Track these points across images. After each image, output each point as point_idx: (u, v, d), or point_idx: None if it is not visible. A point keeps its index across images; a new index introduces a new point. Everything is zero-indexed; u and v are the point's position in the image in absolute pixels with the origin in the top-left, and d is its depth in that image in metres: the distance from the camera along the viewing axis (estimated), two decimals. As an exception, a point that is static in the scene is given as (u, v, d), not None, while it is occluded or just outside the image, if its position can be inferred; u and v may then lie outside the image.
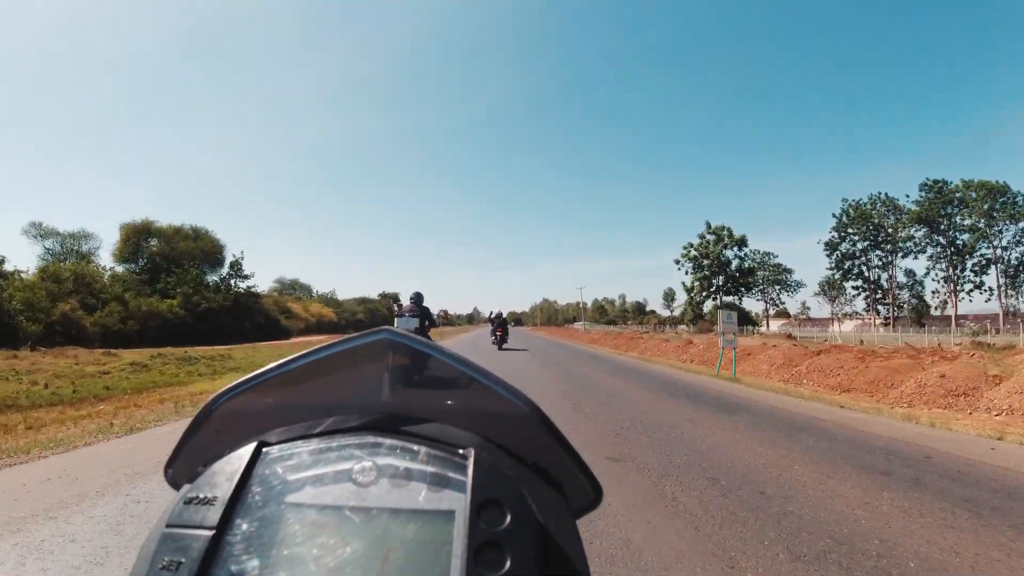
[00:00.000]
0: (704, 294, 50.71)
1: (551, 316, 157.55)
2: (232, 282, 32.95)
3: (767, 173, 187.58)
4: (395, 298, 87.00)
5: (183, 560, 0.29)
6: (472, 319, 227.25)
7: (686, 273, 52.57)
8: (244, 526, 0.30)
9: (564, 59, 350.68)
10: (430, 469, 0.33)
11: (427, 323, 9.17)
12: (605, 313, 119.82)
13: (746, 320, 51.49)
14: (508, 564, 0.28)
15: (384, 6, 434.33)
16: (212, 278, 32.77)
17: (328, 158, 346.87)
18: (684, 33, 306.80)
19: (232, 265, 34.12)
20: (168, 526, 0.31)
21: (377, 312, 61.25)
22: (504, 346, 21.29)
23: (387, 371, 0.40)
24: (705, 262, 50.41)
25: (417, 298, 9.24)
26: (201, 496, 0.32)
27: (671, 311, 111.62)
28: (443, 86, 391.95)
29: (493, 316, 22.65)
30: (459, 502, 0.31)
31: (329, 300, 52.86)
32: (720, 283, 49.21)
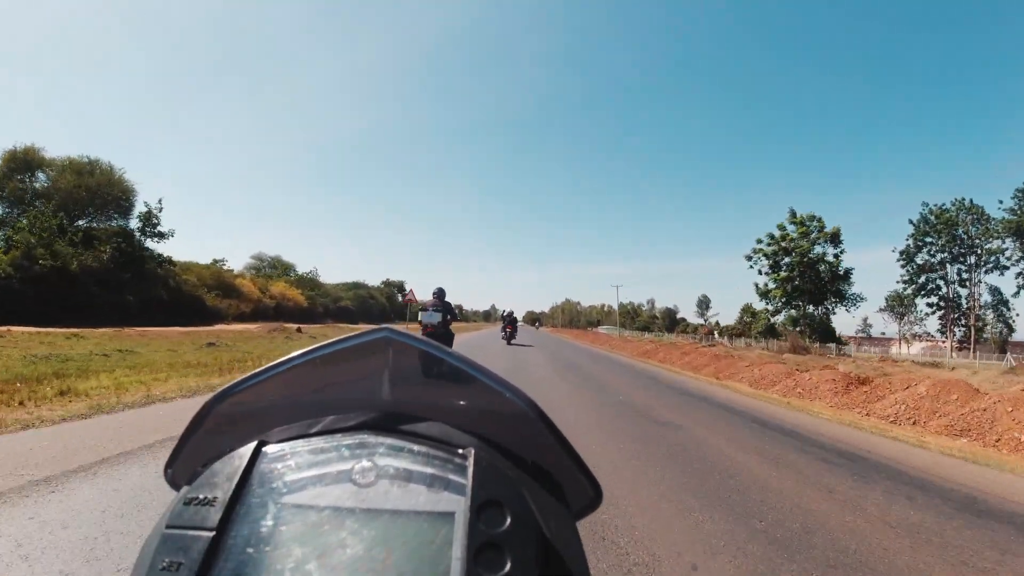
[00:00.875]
0: (784, 300, 39.51)
1: (573, 318, 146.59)
2: (139, 239, 23.45)
3: (805, 183, 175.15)
4: (399, 286, 77.68)
5: (183, 561, 0.28)
6: (489, 316, 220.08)
7: (760, 272, 41.03)
8: (244, 527, 0.30)
9: (592, 60, 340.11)
10: (430, 470, 0.33)
11: (449, 317, 9.20)
12: (635, 317, 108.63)
13: (829, 336, 40.32)
14: (508, 565, 0.27)
15: (409, 6, 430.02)
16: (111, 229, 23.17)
17: (355, 152, 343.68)
18: (712, 40, 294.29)
19: (144, 217, 24.34)
20: (168, 527, 0.30)
21: (371, 301, 51.66)
22: (512, 341, 22.65)
23: (387, 370, 0.40)
24: (786, 259, 38.98)
25: (440, 293, 9.24)
26: (201, 497, 0.31)
27: (705, 320, 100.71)
28: (467, 84, 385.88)
29: (505, 315, 24.87)
30: (459, 503, 0.30)
31: (303, 281, 43.11)
32: (803, 286, 37.79)
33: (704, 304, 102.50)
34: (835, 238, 38.05)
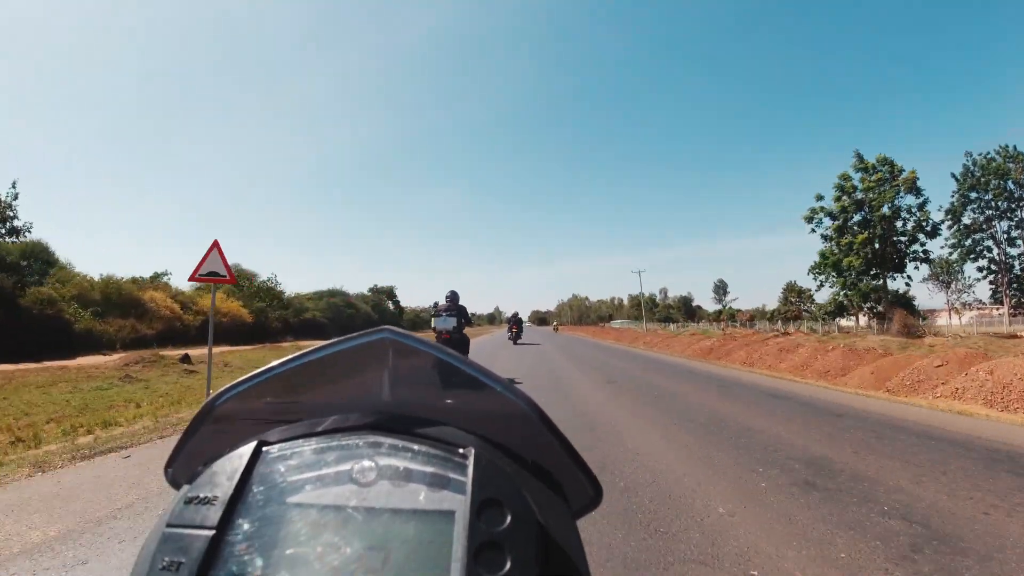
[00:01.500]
0: (864, 267, 30.46)
1: (582, 314, 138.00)
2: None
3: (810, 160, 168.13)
4: (389, 292, 70.04)
5: (183, 560, 0.28)
6: (493, 319, 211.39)
7: (822, 237, 32.53)
8: (244, 526, 0.30)
9: (583, 54, 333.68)
10: (430, 469, 0.33)
11: (463, 321, 8.47)
12: (654, 307, 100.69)
13: (911, 308, 32.55)
14: (508, 564, 0.28)
15: (397, 5, 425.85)
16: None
17: (348, 161, 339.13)
18: (704, 30, 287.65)
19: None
20: (168, 526, 0.30)
21: (349, 310, 44.23)
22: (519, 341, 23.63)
23: (387, 370, 0.40)
24: (855, 217, 30.50)
25: (453, 297, 8.53)
26: (201, 496, 0.32)
27: (724, 305, 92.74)
28: (455, 87, 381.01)
29: (510, 317, 26.13)
30: (459, 502, 0.31)
31: (260, 291, 34.84)
32: (887, 252, 29.53)
33: (721, 289, 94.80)
34: (913, 186, 30.15)
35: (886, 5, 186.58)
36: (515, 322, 24.51)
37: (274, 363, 0.39)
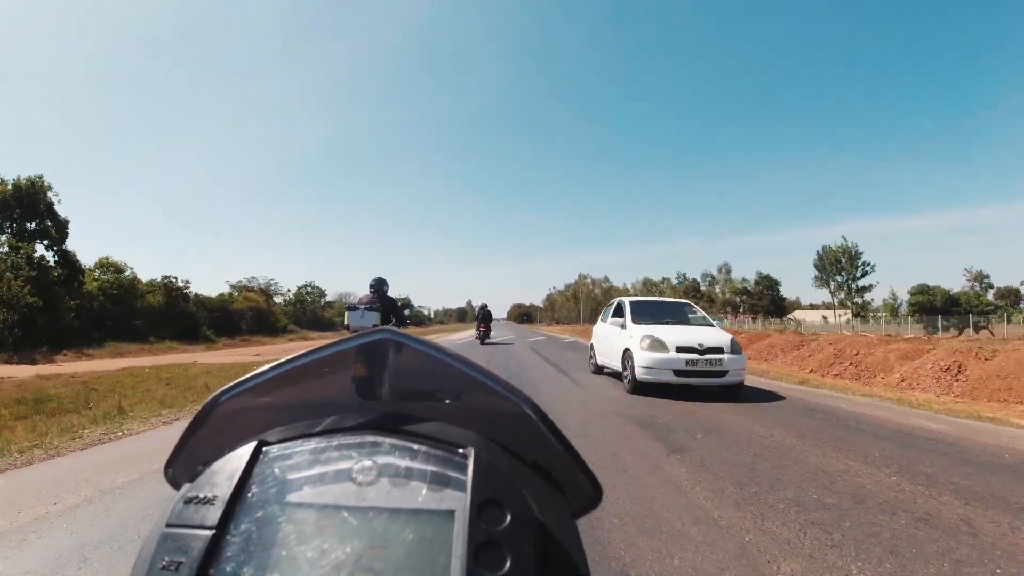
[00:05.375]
0: None
1: (597, 308, 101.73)
2: None
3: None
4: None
5: (183, 560, 0.29)
6: (464, 316, 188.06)
7: None
8: (244, 526, 0.31)
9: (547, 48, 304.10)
10: (430, 468, 0.34)
11: (393, 321, 6.12)
12: (757, 295, 67.37)
13: None
14: (508, 564, 0.28)
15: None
16: None
17: (319, 157, 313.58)
18: (684, 26, 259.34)
19: None
20: (168, 525, 0.31)
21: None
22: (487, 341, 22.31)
23: (387, 370, 0.41)
24: None
25: (378, 285, 6.24)
26: (201, 496, 0.32)
27: (850, 290, 60.93)
28: (428, 83, 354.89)
29: (478, 311, 23.78)
30: (459, 502, 0.31)
31: None
32: None
33: (833, 258, 62.12)
34: None
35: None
36: (483, 319, 22.94)
37: (274, 363, 0.40)
